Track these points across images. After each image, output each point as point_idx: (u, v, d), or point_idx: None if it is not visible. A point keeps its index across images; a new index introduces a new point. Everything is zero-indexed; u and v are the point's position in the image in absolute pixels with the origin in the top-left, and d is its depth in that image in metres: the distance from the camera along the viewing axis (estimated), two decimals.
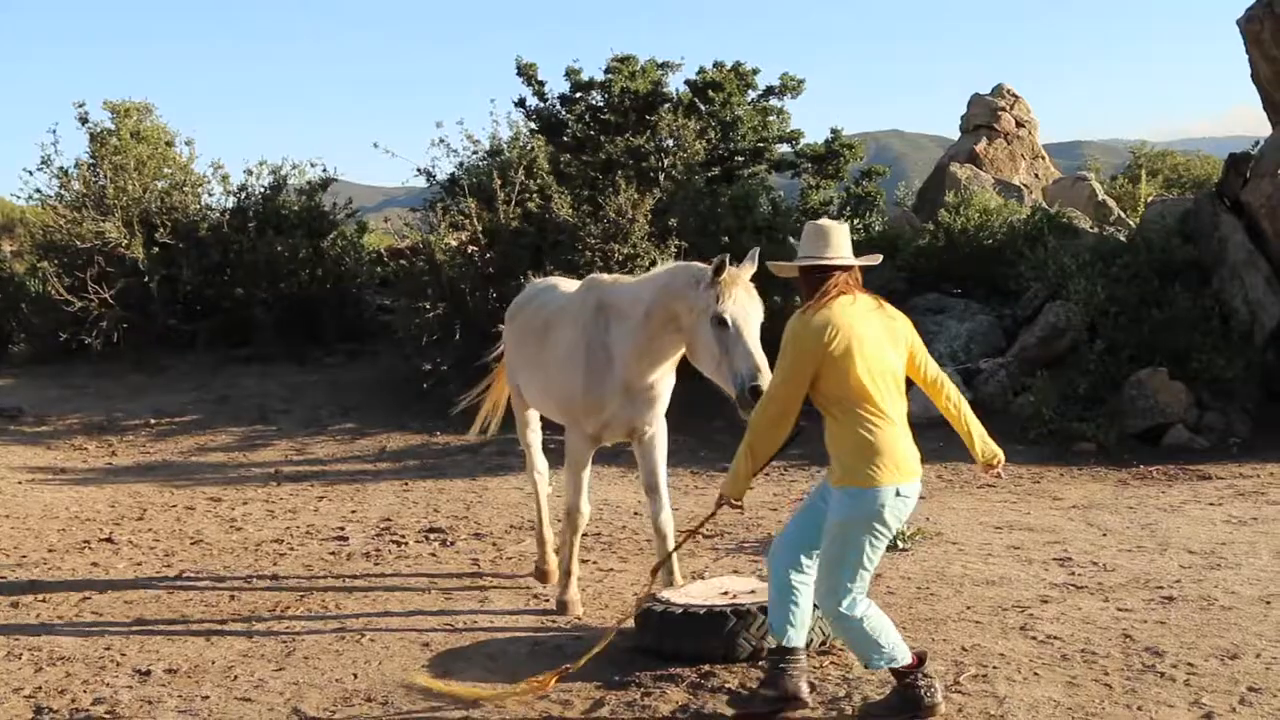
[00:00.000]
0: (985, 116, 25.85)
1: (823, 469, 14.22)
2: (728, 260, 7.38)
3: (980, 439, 6.93)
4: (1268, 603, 8.23)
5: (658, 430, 8.36)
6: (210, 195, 22.61)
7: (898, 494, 6.07)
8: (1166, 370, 15.20)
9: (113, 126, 22.52)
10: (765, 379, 6.98)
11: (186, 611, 8.83)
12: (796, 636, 6.37)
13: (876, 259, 6.69)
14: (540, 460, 9.68)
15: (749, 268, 7.49)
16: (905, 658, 6.24)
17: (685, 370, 8.01)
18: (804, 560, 6.37)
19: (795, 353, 6.14)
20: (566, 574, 8.57)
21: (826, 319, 6.11)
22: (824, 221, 6.48)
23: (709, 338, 7.32)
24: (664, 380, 8.20)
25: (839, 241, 6.33)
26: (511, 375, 9.51)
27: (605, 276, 8.81)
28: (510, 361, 9.48)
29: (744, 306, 7.32)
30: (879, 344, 6.21)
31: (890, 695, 6.35)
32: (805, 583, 6.36)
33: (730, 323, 7.23)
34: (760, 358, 7.16)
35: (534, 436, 9.67)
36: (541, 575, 9.32)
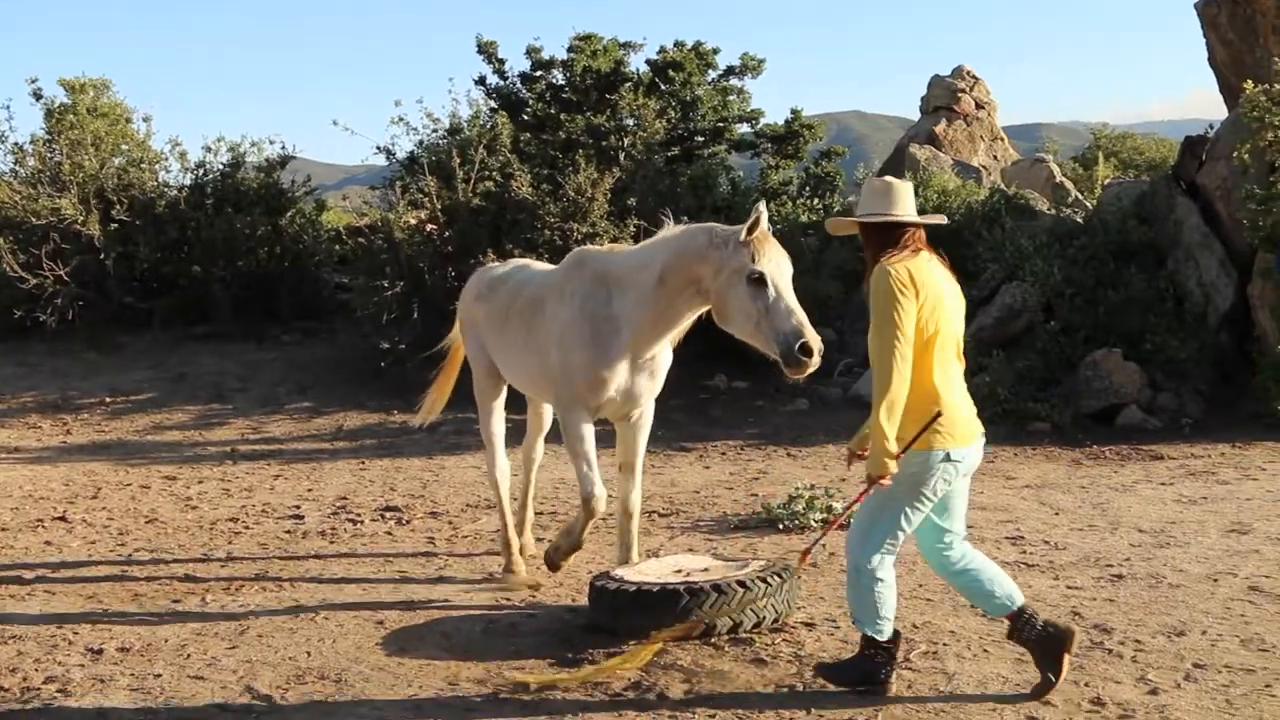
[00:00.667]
0: (945, 98, 25.96)
1: (777, 447, 14.38)
2: (763, 215, 7.25)
3: None
4: (1215, 580, 8.33)
5: (647, 408, 8.28)
6: (168, 172, 22.46)
7: (948, 458, 5.96)
8: (1121, 351, 15.33)
9: (69, 102, 22.36)
10: (811, 336, 6.93)
11: (140, 590, 8.82)
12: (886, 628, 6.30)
13: (941, 219, 6.58)
14: (503, 460, 9.32)
15: (766, 219, 7.31)
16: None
17: None
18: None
19: (904, 302, 5.88)
20: (572, 549, 8.28)
21: (915, 272, 5.97)
22: (889, 178, 6.35)
23: (744, 298, 7.12)
24: (664, 354, 8.08)
25: (906, 198, 6.19)
26: (478, 360, 9.21)
27: (595, 248, 8.64)
28: (488, 346, 9.06)
29: (779, 263, 7.17)
30: (952, 305, 6.11)
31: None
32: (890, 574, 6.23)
33: (769, 281, 7.07)
34: (803, 314, 7.05)
35: (498, 428, 9.32)
36: (509, 574, 8.93)
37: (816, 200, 20.35)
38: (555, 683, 6.56)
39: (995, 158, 25.59)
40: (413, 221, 18.58)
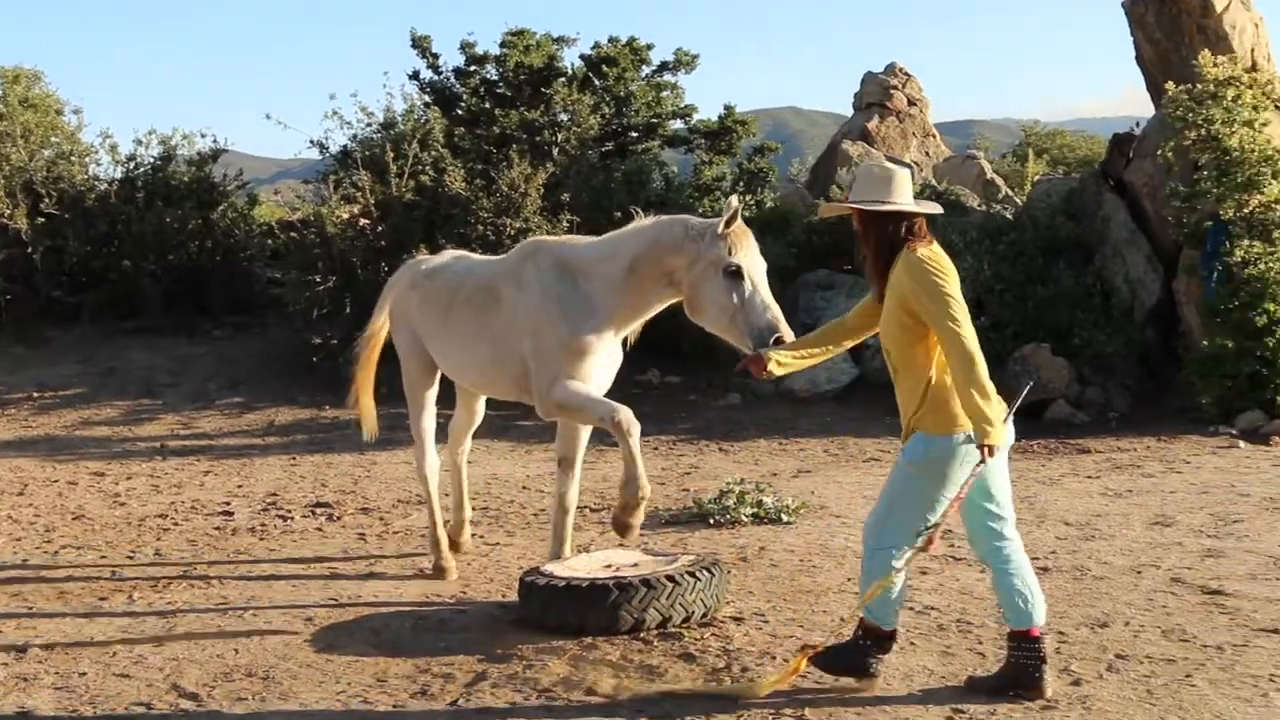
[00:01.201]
0: (878, 94, 26.11)
1: (709, 442, 14.41)
2: (740, 210, 7.26)
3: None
4: (1138, 572, 8.44)
5: None
6: (98, 165, 22.21)
7: (969, 439, 5.91)
8: (1049, 346, 15.51)
9: (0, 93, 22.08)
10: (786, 331, 6.95)
11: (66, 588, 8.73)
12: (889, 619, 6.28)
13: (936, 208, 6.52)
14: (433, 456, 9.15)
15: (739, 208, 7.31)
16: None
17: None
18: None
19: (953, 282, 5.95)
20: (639, 498, 7.47)
21: (942, 256, 6.03)
22: (888, 164, 6.30)
23: (719, 290, 7.15)
24: (617, 351, 7.99)
25: (906, 187, 6.16)
26: (410, 353, 8.99)
27: (549, 238, 8.57)
28: (424, 336, 8.80)
29: (755, 257, 7.23)
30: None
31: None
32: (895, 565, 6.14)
33: (746, 274, 7.11)
34: (778, 309, 7.09)
35: (429, 423, 9.14)
36: (439, 572, 8.85)
37: (749, 196, 20.41)
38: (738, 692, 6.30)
39: (927, 154, 25.76)
40: (346, 216, 18.51)
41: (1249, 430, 14.16)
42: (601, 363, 7.86)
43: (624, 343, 8.10)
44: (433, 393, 9.15)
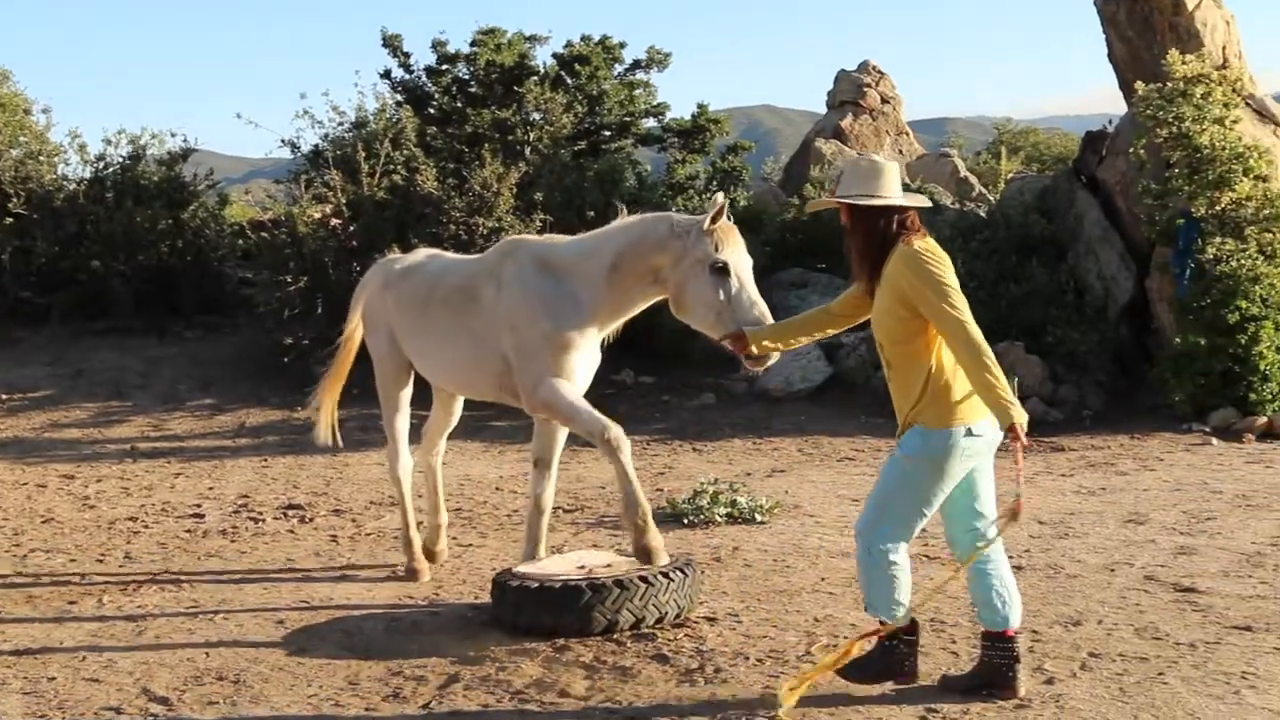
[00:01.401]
0: (851, 93, 26.18)
1: (683, 442, 14.42)
2: (726, 206, 7.27)
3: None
4: (1112, 570, 8.47)
5: None
6: (67, 165, 22.07)
7: (969, 433, 5.90)
8: (1023, 344, 15.57)
9: None
10: None
11: (35, 592, 8.68)
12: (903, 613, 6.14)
13: (925, 200, 6.40)
14: (406, 457, 9.07)
15: (725, 205, 7.33)
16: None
17: None
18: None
19: (951, 273, 5.90)
20: (640, 515, 7.41)
21: (937, 248, 5.99)
22: (875, 157, 6.24)
23: (706, 288, 7.14)
24: (594, 352, 7.92)
25: (894, 180, 6.10)
26: (385, 354, 8.88)
27: (528, 237, 8.52)
28: (400, 335, 8.72)
29: (742, 254, 7.22)
30: None
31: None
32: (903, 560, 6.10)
33: (732, 271, 7.11)
34: (765, 306, 7.12)
35: (403, 424, 9.05)
36: (412, 574, 8.79)
37: (723, 195, 20.40)
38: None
39: (900, 152, 25.83)
40: (317, 216, 18.44)
41: (1222, 427, 14.27)
42: (584, 360, 7.81)
43: (601, 344, 8.07)
44: (407, 394, 9.06)
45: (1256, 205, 15.49)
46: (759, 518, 10.26)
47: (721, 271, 7.12)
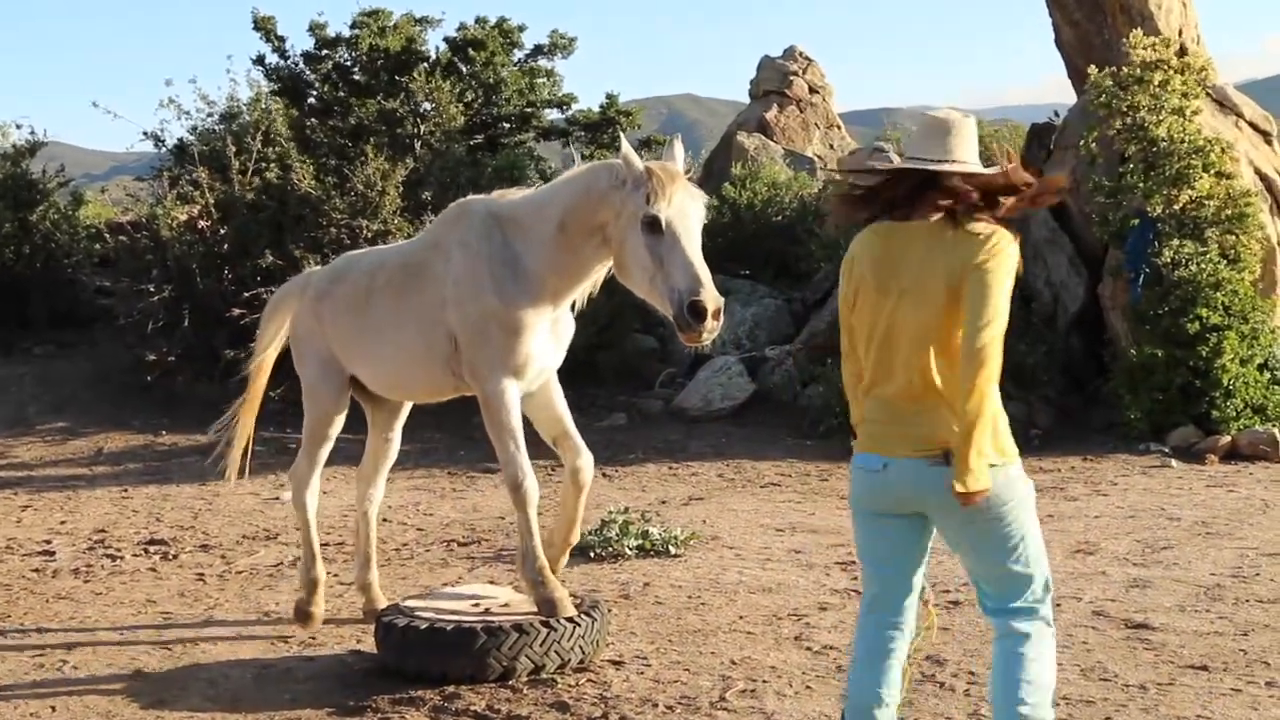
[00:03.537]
0: (776, 82, 26.22)
1: (619, 468, 14.39)
2: (679, 149, 7.05)
3: None
4: (1057, 605, 8.48)
5: (553, 378, 7.87)
6: None
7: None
8: None
9: None
10: (707, 295, 6.56)
11: None
12: None
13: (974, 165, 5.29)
14: (316, 483, 8.70)
15: (683, 162, 7.03)
16: None
17: None
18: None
19: (1010, 284, 5.17)
20: (536, 565, 7.38)
21: None
22: (946, 113, 5.28)
23: (639, 247, 6.79)
24: (567, 320, 7.73)
25: (970, 140, 5.23)
26: (323, 376, 8.48)
27: (478, 196, 8.11)
28: (340, 345, 8.33)
29: (682, 207, 6.78)
30: None
31: None
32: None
33: (665, 226, 6.70)
34: (701, 268, 6.67)
35: (324, 454, 8.64)
36: (304, 618, 8.48)
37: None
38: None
39: (832, 146, 25.95)
40: (183, 218, 18.30)
41: (1181, 447, 14.43)
42: (542, 340, 7.52)
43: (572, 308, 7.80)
44: (337, 428, 8.65)
45: (1218, 204, 15.54)
46: (673, 550, 10.28)
47: (654, 228, 6.74)
